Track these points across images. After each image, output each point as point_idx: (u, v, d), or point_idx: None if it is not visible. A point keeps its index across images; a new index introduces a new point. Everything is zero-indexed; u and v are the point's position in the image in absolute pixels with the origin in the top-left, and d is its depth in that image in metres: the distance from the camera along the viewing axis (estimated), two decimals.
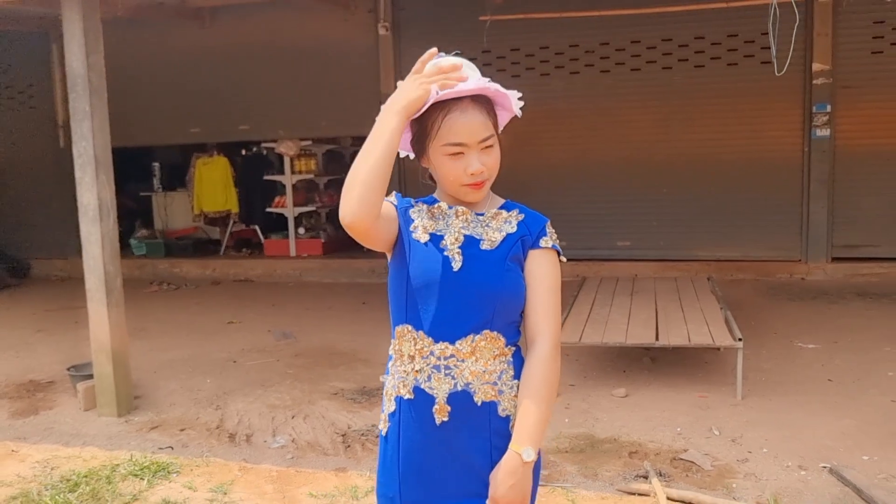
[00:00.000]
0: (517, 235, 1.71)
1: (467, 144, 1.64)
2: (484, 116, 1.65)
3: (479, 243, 1.70)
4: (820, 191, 7.81)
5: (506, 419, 1.68)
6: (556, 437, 4.17)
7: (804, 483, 3.52)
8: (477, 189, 1.69)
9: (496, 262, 1.68)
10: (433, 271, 1.66)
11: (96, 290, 4.62)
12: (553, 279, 1.71)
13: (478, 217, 1.74)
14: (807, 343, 5.75)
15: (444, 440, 1.68)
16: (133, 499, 3.53)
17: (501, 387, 1.69)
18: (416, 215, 1.75)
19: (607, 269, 7.92)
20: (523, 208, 1.78)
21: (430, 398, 1.67)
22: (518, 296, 1.69)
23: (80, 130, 4.50)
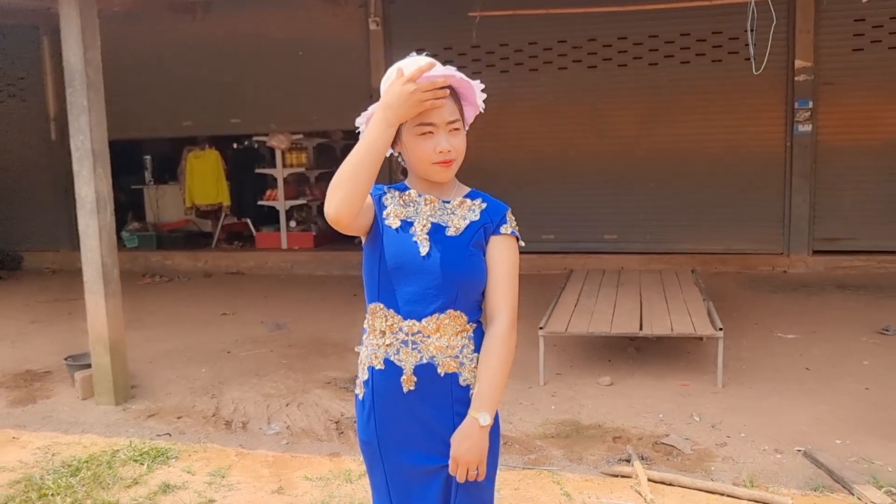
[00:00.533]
0: (480, 223, 1.86)
1: (436, 125, 1.78)
2: (451, 102, 1.80)
3: (444, 230, 1.85)
4: (801, 185, 7.98)
5: (466, 388, 1.86)
6: (542, 423, 4.31)
7: (779, 465, 3.68)
8: (445, 167, 1.82)
9: (460, 248, 1.83)
10: (403, 255, 1.82)
11: (94, 281, 4.71)
12: (511, 263, 1.86)
13: (444, 205, 1.88)
14: (786, 333, 5.92)
15: (411, 406, 1.86)
16: (134, 482, 3.64)
17: (462, 359, 1.86)
18: (388, 202, 1.90)
19: (594, 261, 8.07)
20: (486, 197, 1.92)
21: (398, 369, 1.85)
22: (479, 278, 1.85)
23: (78, 124, 4.58)
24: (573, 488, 3.44)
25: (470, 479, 1.81)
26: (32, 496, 3.52)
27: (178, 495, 3.49)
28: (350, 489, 3.50)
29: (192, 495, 3.49)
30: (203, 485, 3.60)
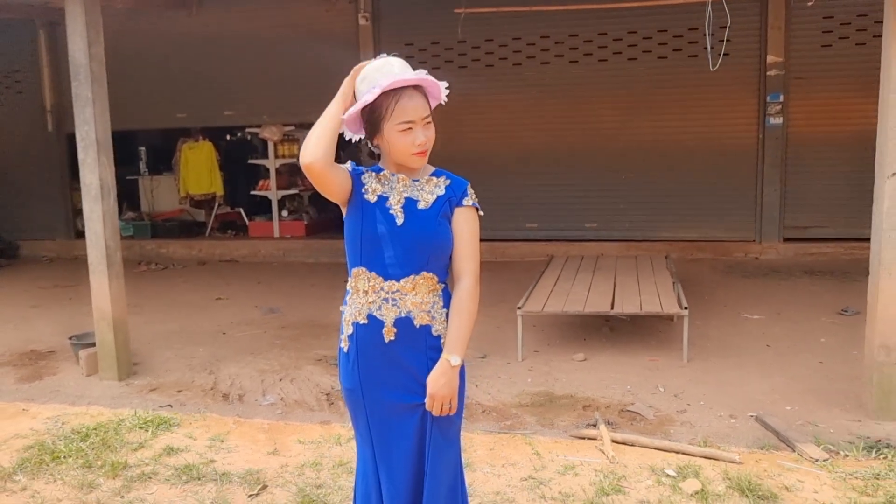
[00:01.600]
0: (445, 197, 2.18)
1: (414, 121, 2.10)
2: (423, 100, 2.13)
3: (416, 203, 2.16)
4: (773, 175, 8.33)
5: (437, 337, 2.18)
6: (518, 394, 4.65)
7: (732, 428, 4.03)
8: (422, 156, 2.16)
9: (430, 219, 2.15)
10: (382, 225, 2.15)
11: (98, 263, 5.00)
12: (473, 230, 2.19)
13: (414, 182, 2.20)
14: (752, 314, 6.27)
15: (392, 353, 2.18)
16: (140, 446, 3.95)
17: (434, 314, 2.18)
18: (366, 180, 2.22)
19: (575, 248, 8.39)
20: (449, 175, 2.25)
21: (380, 322, 2.17)
22: (447, 245, 2.17)
23: (83, 115, 4.85)
24: (543, 448, 3.77)
25: (444, 413, 2.13)
26: (46, 458, 3.82)
27: (182, 456, 3.80)
28: (339, 451, 3.82)
29: (195, 456, 3.80)
30: (204, 448, 3.91)
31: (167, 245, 10.15)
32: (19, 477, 3.64)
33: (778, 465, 3.51)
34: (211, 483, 3.51)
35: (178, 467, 3.67)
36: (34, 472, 3.68)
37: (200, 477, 3.57)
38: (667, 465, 3.52)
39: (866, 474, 3.37)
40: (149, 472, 3.64)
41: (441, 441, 2.22)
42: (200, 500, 3.36)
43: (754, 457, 3.62)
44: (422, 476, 2.23)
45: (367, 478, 2.31)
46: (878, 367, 4.03)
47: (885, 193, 3.88)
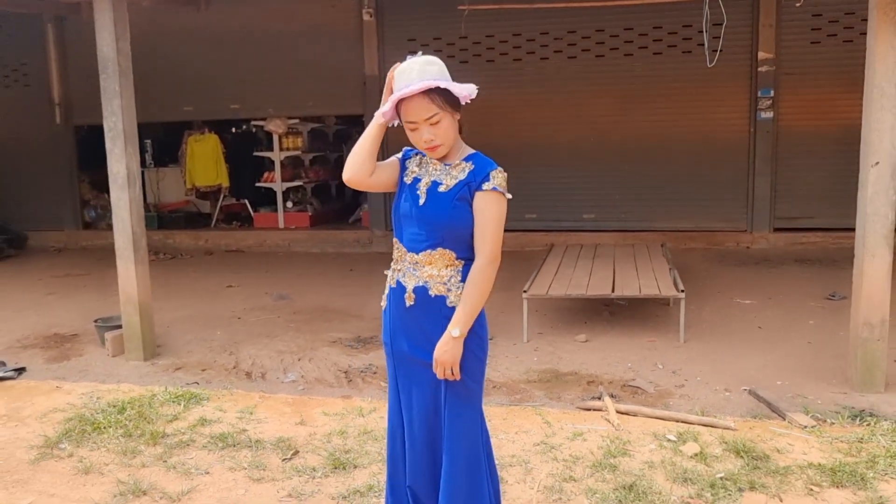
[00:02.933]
0: (465, 182, 2.35)
1: (417, 122, 2.31)
2: (426, 101, 2.28)
3: (439, 186, 2.38)
4: (764, 168, 8.64)
5: (452, 308, 2.37)
6: (526, 371, 4.93)
7: (727, 401, 4.33)
8: (432, 151, 2.37)
9: (446, 201, 2.34)
10: (407, 205, 2.41)
11: (125, 248, 5.24)
12: (490, 213, 2.32)
13: (445, 167, 2.41)
14: (744, 299, 6.58)
15: (412, 316, 2.43)
16: (174, 418, 4.20)
17: (450, 286, 2.38)
18: (409, 164, 2.50)
19: (573, 238, 8.66)
20: (479, 160, 2.40)
21: (403, 288, 2.44)
22: (461, 225, 2.34)
23: (111, 107, 5.08)
24: (552, 419, 4.05)
25: (447, 378, 2.36)
26: (88, 429, 4.07)
27: (215, 427, 4.07)
28: (363, 421, 4.09)
29: (227, 426, 4.06)
30: (235, 419, 4.17)
31: (174, 236, 10.37)
32: (64, 445, 3.89)
33: (770, 431, 3.81)
34: (246, 449, 3.78)
35: (214, 436, 3.93)
36: (78, 440, 3.93)
37: (235, 444, 3.84)
38: (668, 432, 3.80)
39: (851, 438, 3.67)
40: (186, 439, 3.90)
41: (454, 400, 2.42)
42: (238, 463, 3.62)
43: (748, 424, 3.91)
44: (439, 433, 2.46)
45: (395, 430, 2.58)
46: (863, 344, 4.33)
47: (868, 181, 4.18)
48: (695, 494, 3.18)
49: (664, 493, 3.18)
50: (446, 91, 2.31)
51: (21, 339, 6.01)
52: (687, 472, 3.36)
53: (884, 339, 4.32)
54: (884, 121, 4.11)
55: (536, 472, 3.43)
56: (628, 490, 3.21)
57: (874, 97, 4.13)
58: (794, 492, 3.19)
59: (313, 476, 3.46)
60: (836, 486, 3.23)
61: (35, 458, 3.76)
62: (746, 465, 3.41)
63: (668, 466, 3.42)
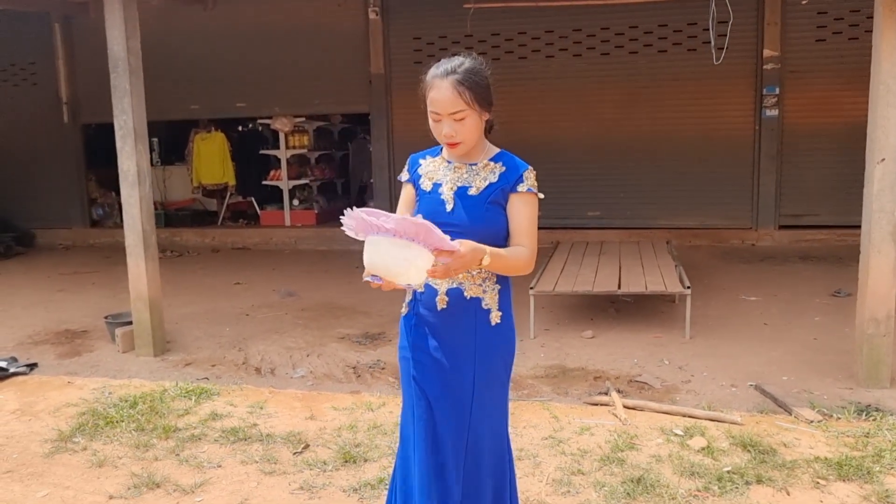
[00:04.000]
0: (497, 185, 2.25)
1: (440, 114, 2.20)
2: (454, 95, 2.17)
3: (467, 190, 2.27)
4: (769, 165, 8.67)
5: (487, 311, 2.26)
6: (533, 367, 4.97)
7: (734, 396, 4.36)
8: (451, 147, 2.26)
9: (478, 205, 2.24)
10: (434, 212, 2.25)
11: (135, 245, 5.29)
12: (527, 214, 2.25)
13: (471, 167, 2.29)
14: (750, 296, 6.61)
15: (444, 320, 2.28)
16: (185, 412, 4.25)
17: (486, 288, 2.27)
18: (422, 169, 2.36)
19: (579, 236, 8.70)
20: (509, 160, 2.31)
21: (434, 291, 2.28)
22: (494, 229, 2.23)
23: (121, 106, 5.12)
24: (560, 413, 4.09)
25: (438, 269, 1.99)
26: (100, 423, 4.11)
27: (226, 421, 4.11)
28: (372, 416, 4.13)
29: (238, 421, 4.10)
30: (245, 413, 4.22)
31: (180, 233, 10.43)
32: (78, 438, 3.94)
33: (776, 425, 3.84)
34: (257, 443, 3.82)
35: (225, 430, 3.97)
36: (91, 434, 3.98)
37: (246, 438, 3.88)
38: (675, 427, 3.84)
39: (857, 433, 3.70)
40: (198, 433, 3.95)
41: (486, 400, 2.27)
42: (249, 456, 3.67)
43: (754, 419, 3.95)
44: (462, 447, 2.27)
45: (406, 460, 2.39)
46: (868, 339, 4.36)
47: (874, 177, 4.20)
48: (702, 488, 3.22)
49: (672, 487, 3.21)
50: (478, 87, 2.21)
51: (32, 336, 6.06)
52: (694, 465, 3.39)
53: (889, 334, 4.35)
54: (889, 117, 4.14)
55: (545, 466, 3.47)
56: (636, 483, 3.25)
57: (880, 94, 4.15)
58: (801, 485, 3.22)
59: (324, 469, 3.50)
60: (843, 479, 3.26)
61: (49, 451, 3.81)
62: (753, 458, 3.44)
63: (676, 460, 3.46)
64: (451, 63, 2.21)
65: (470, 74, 2.20)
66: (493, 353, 2.30)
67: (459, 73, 2.18)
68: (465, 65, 2.21)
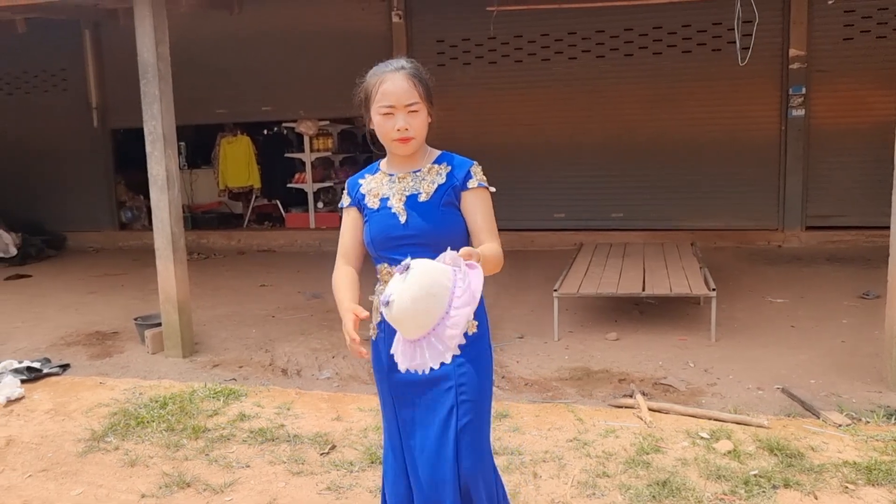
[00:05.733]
0: (447, 185, 2.20)
1: (395, 106, 2.13)
2: (410, 86, 2.14)
3: (417, 197, 2.19)
4: (795, 166, 8.58)
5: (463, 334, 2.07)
6: (557, 369, 4.98)
7: (760, 399, 4.33)
8: (404, 143, 2.16)
9: (432, 210, 2.17)
10: (388, 227, 2.20)
11: (164, 248, 5.38)
12: (483, 209, 2.21)
13: (415, 175, 2.22)
14: (776, 298, 6.55)
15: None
16: (214, 413, 4.32)
17: None
18: (365, 188, 2.29)
19: (602, 237, 8.66)
20: (452, 159, 2.25)
21: None
22: (456, 231, 2.18)
23: (151, 111, 5.22)
24: (585, 415, 4.10)
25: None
26: (132, 423, 4.20)
27: (254, 422, 4.17)
28: None
29: (266, 422, 4.16)
30: (273, 414, 4.28)
31: (207, 236, 10.56)
32: (110, 438, 4.03)
33: (804, 429, 3.81)
34: (285, 443, 3.87)
35: (253, 430, 4.03)
36: (123, 434, 4.06)
37: (274, 438, 3.94)
38: (700, 430, 3.83)
39: (886, 437, 3.66)
40: (227, 434, 4.01)
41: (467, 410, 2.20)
42: (277, 457, 3.72)
43: (781, 423, 3.92)
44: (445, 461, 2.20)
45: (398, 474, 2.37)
46: None
47: None
48: (728, 491, 3.21)
49: (698, 490, 3.21)
50: (427, 84, 2.21)
51: (64, 337, 6.19)
52: (720, 469, 3.38)
53: None
54: None
55: (570, 468, 3.48)
56: (662, 486, 3.25)
57: None
58: (830, 489, 3.20)
59: (351, 470, 3.55)
60: (872, 484, 3.23)
61: (83, 450, 3.90)
62: (780, 462, 3.43)
63: (702, 463, 3.45)
64: (398, 62, 2.22)
65: (419, 71, 2.21)
66: (473, 362, 2.23)
67: (409, 68, 2.19)
68: (412, 63, 2.23)
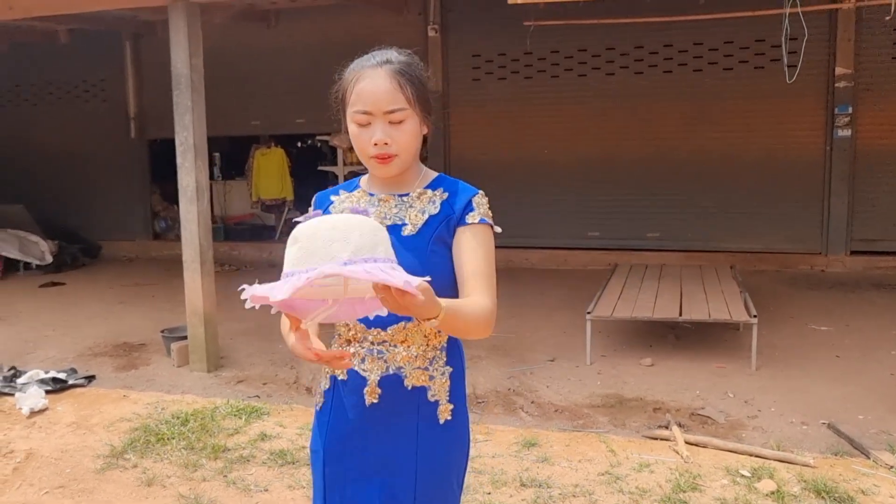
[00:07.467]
0: (441, 217, 1.67)
1: (372, 113, 1.61)
2: (393, 87, 1.61)
3: (401, 228, 1.66)
4: (840, 188, 8.28)
5: (434, 405, 1.69)
6: (589, 395, 4.79)
7: (805, 434, 4.10)
8: (382, 162, 1.63)
9: (419, 249, 1.64)
10: None
11: (192, 260, 5.34)
12: (482, 252, 1.65)
13: (401, 199, 1.70)
14: (820, 325, 6.28)
15: (373, 421, 1.69)
16: (235, 432, 4.23)
17: (433, 372, 1.69)
18: (337, 207, 1.75)
19: (637, 258, 8.45)
20: (450, 184, 1.73)
21: (362, 380, 1.68)
22: (445, 278, 1.64)
23: (182, 122, 5.19)
24: (618, 447, 3.92)
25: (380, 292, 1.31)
26: (152, 440, 4.13)
27: (275, 442, 4.07)
28: None
29: (287, 442, 4.06)
30: (294, 434, 4.17)
31: (239, 247, 10.57)
32: (129, 455, 3.95)
33: (853, 470, 3.59)
34: (305, 467, 3.75)
35: (273, 452, 3.93)
36: (142, 451, 3.99)
37: (294, 461, 3.82)
38: (741, 467, 3.62)
39: None
40: (246, 455, 3.91)
41: None
42: (297, 481, 3.61)
43: (828, 462, 3.70)
44: None
45: None
46: None
47: None
48: None
49: None
50: (420, 84, 1.67)
51: (92, 347, 6.18)
52: None
53: None
54: None
55: None
56: None
57: None
58: None
59: None
60: None
61: (101, 467, 3.83)
62: None
63: None
64: (383, 53, 1.68)
65: (410, 67, 1.67)
66: (442, 461, 1.73)
67: (397, 63, 1.65)
68: (402, 57, 1.69)
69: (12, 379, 5.10)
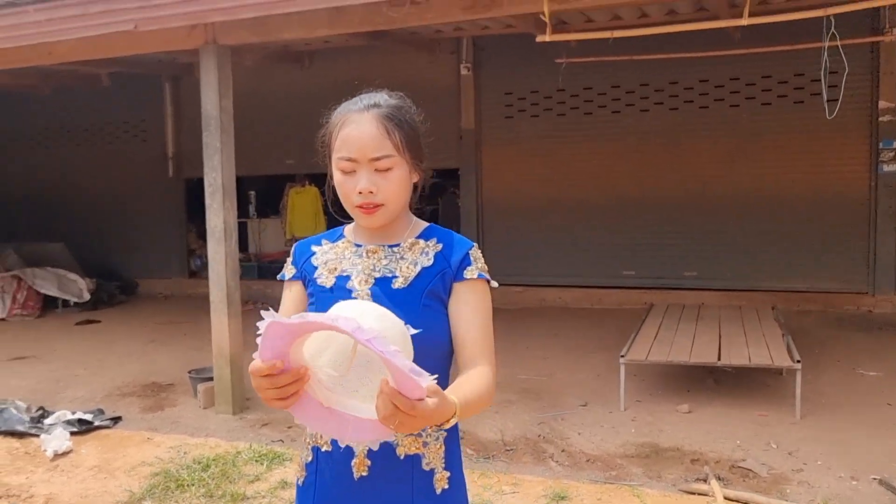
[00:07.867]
0: (435, 270, 1.58)
1: (357, 160, 1.54)
2: (380, 132, 1.54)
3: (391, 282, 1.57)
4: (887, 225, 7.97)
5: (430, 473, 1.57)
6: (622, 444, 4.60)
7: (854, 491, 3.85)
8: (367, 213, 1.55)
9: (410, 304, 1.54)
10: None
11: (219, 301, 5.31)
12: (482, 311, 1.57)
13: (391, 250, 1.61)
14: (868, 370, 5.98)
15: (362, 496, 1.56)
16: (256, 479, 4.13)
17: (426, 438, 1.56)
18: (319, 258, 1.67)
19: (674, 297, 8.22)
20: (444, 235, 1.64)
21: (349, 451, 1.55)
22: (437, 338, 1.55)
23: (211, 163, 5.22)
24: (652, 502, 3.72)
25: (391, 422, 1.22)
26: (171, 486, 4.05)
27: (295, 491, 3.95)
28: None
29: None
30: None
31: (272, 286, 10.57)
32: (147, 502, 3.88)
33: None
34: None
35: (292, 501, 3.81)
36: (161, 497, 3.92)
37: None
38: None
39: None
40: None
41: None
42: None
43: None
44: None
45: None
46: None
47: None
48: None
49: None
50: (410, 130, 1.59)
51: (121, 387, 6.17)
52: None
53: None
54: None
55: None
56: None
57: None
58: None
59: None
60: None
61: None
62: None
63: None
64: (371, 96, 1.62)
65: (399, 112, 1.59)
66: None
67: (385, 107, 1.58)
68: (392, 100, 1.61)
69: (39, 420, 5.10)
